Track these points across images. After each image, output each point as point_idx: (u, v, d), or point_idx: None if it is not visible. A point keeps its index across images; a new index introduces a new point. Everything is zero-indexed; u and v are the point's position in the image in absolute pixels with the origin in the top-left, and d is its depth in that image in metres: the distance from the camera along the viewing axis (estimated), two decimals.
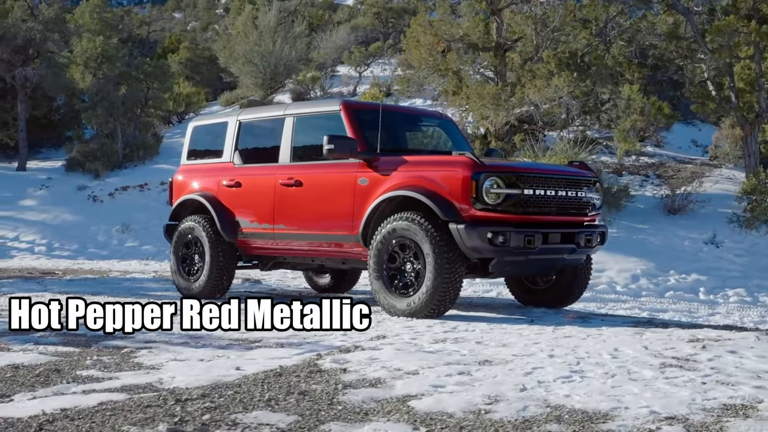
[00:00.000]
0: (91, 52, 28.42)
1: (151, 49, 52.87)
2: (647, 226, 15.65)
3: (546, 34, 16.69)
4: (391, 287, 8.01)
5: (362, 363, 5.40)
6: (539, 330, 6.99)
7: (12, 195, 24.20)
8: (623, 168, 18.75)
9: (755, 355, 5.66)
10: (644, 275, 13.69)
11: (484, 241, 7.49)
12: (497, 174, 7.61)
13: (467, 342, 6.31)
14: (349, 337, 6.62)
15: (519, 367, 5.22)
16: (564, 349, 5.90)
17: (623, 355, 5.68)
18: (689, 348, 5.91)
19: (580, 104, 17.42)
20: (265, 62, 31.97)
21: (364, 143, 8.54)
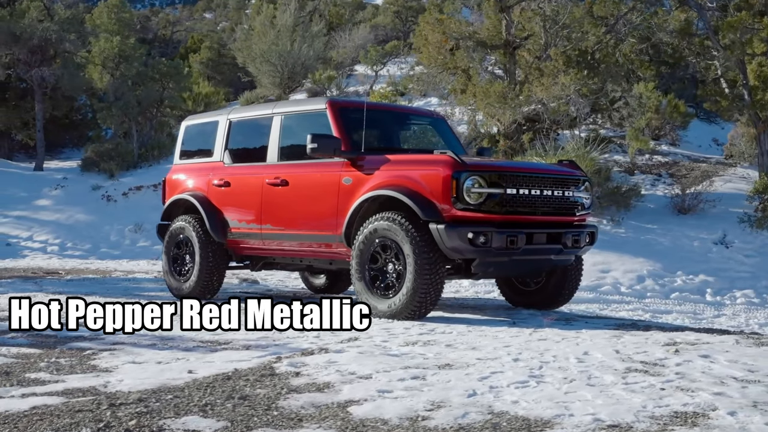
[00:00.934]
0: (108, 52, 28.50)
1: (175, 49, 53.14)
2: (656, 226, 15.40)
3: (555, 31, 16.46)
4: (373, 288, 7.90)
5: (319, 366, 5.28)
6: (517, 332, 6.84)
7: (28, 195, 24.32)
8: (635, 167, 18.48)
9: (727, 359, 5.47)
10: (650, 276, 13.45)
11: (465, 242, 7.35)
12: (479, 173, 7.47)
13: (437, 345, 6.17)
14: (320, 339, 6.51)
15: (478, 372, 5.08)
16: (533, 353, 5.75)
17: (591, 359, 5.52)
18: (661, 352, 5.74)
19: (589, 102, 17.17)
20: (283, 61, 31.92)
21: (349, 142, 8.42)
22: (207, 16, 68.95)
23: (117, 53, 28.37)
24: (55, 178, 25.78)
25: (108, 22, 29.97)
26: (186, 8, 79.46)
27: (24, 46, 26.03)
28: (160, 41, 60.24)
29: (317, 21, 35.00)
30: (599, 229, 15.20)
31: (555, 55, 16.06)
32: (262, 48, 32.04)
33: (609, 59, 16.69)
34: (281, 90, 32.36)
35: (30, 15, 26.08)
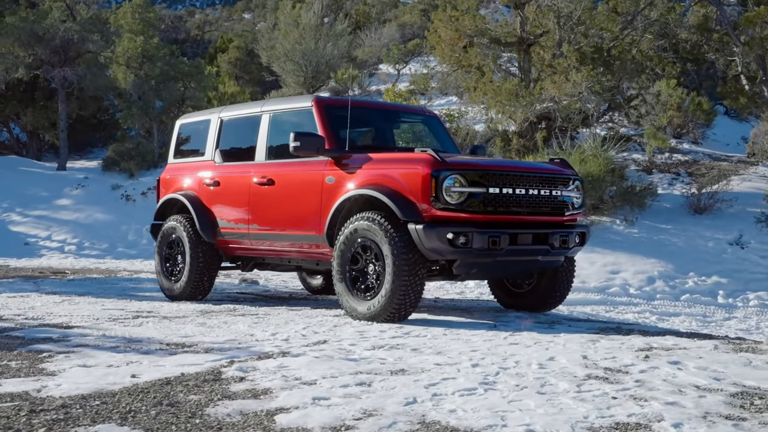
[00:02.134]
0: (132, 52, 28.61)
1: (205, 49, 53.36)
2: (670, 226, 15.05)
3: (570, 27, 16.14)
4: (353, 290, 7.72)
5: (267, 371, 5.12)
6: (492, 336, 6.62)
7: (49, 194, 24.45)
8: (654, 166, 18.10)
9: (697, 366, 5.23)
10: (661, 277, 13.12)
11: (444, 243, 7.15)
12: (459, 172, 7.27)
13: (403, 349, 5.99)
14: (287, 343, 6.36)
15: (428, 378, 4.89)
16: (496, 358, 5.54)
17: (554, 365, 5.30)
18: (631, 358, 5.51)
19: (603, 100, 16.85)
20: (307, 60, 31.82)
21: (334, 140, 8.26)
22: (246, 17, 69.24)
23: (140, 53, 28.47)
24: (76, 178, 25.90)
25: (132, 22, 30.12)
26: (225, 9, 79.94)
27: (47, 47, 26.18)
28: (191, 41, 60.63)
29: (342, 20, 34.83)
30: (612, 229, 14.98)
31: (568, 52, 15.75)
32: (286, 47, 31.96)
33: (625, 56, 16.34)
34: (305, 89, 32.26)
35: (52, 16, 26.21)
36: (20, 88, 30.48)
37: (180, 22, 64.84)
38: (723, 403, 4.32)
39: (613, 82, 16.57)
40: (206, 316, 8.24)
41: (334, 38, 32.81)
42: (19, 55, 26.51)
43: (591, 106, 16.31)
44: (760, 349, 5.92)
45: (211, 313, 8.47)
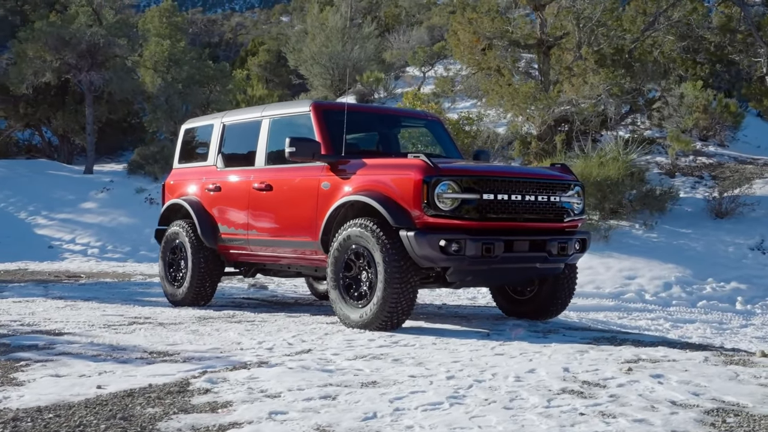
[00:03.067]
0: (158, 56, 28.78)
1: (237, 52, 53.59)
2: (690, 231, 14.76)
3: (590, 28, 15.91)
4: (346, 297, 7.62)
5: (236, 383, 5.03)
6: (480, 346, 6.49)
7: (75, 198, 24.62)
8: (677, 169, 17.80)
9: (679, 380, 5.06)
10: (678, 283, 12.87)
11: (436, 250, 7.02)
12: (452, 177, 7.13)
13: (384, 359, 5.87)
14: (270, 352, 6.26)
15: (398, 391, 4.77)
16: (475, 370, 5.41)
17: (532, 377, 5.16)
18: (613, 371, 5.35)
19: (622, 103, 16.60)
20: (333, 63, 31.82)
21: (330, 146, 8.16)
22: (284, 20, 69.53)
23: (167, 57, 28.62)
24: (102, 181, 26.06)
25: (159, 26, 30.26)
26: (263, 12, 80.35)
27: (73, 51, 26.36)
28: (224, 45, 60.96)
29: (369, 22, 34.78)
30: (630, 234, 14.73)
31: (586, 53, 15.53)
32: (313, 50, 31.99)
33: (646, 58, 16.08)
34: (332, 92, 32.26)
35: (79, 20, 26.40)
36: (51, 92, 30.77)
37: (214, 26, 65.23)
38: (694, 421, 4.16)
39: (632, 85, 16.30)
40: (202, 322, 8.17)
41: (361, 41, 32.78)
42: (47, 60, 26.71)
43: (611, 109, 16.05)
44: (752, 361, 5.73)
45: (208, 320, 8.41)
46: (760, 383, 5.02)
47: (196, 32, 59.46)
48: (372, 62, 32.97)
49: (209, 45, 60.64)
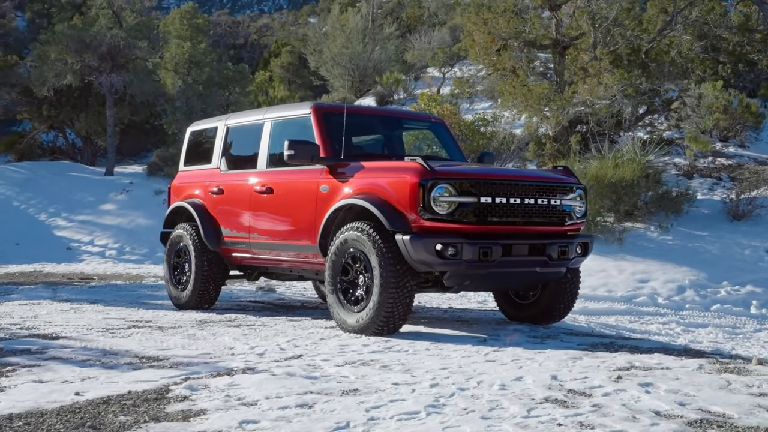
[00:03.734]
0: (179, 58, 28.86)
1: (260, 54, 53.70)
2: (706, 233, 14.55)
3: (606, 28, 15.71)
4: (344, 301, 7.55)
5: (216, 390, 4.97)
6: (474, 352, 6.40)
7: (95, 199, 24.72)
8: (694, 170, 17.57)
9: (668, 389, 4.95)
10: (692, 286, 12.68)
11: (432, 254, 6.93)
12: (449, 181, 7.05)
13: (372, 366, 5.80)
14: (261, 358, 6.21)
15: (377, 400, 4.70)
16: (462, 377, 5.32)
17: (518, 385, 5.07)
18: (602, 379, 5.24)
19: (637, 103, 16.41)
20: (354, 64, 31.77)
21: (330, 148, 8.10)
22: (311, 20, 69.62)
23: (187, 59, 28.70)
24: (122, 183, 26.16)
25: (180, 28, 30.35)
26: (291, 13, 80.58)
27: (94, 53, 26.48)
28: (249, 46, 61.10)
29: (389, 23, 34.70)
30: (645, 236, 14.55)
31: (601, 54, 15.36)
32: (333, 51, 31.96)
33: (663, 58, 15.86)
34: (353, 93, 32.21)
35: (99, 23, 26.53)
36: (74, 94, 30.93)
37: (238, 28, 65.37)
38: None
39: (648, 85, 16.10)
40: (201, 326, 8.14)
41: (382, 42, 32.70)
42: (68, 62, 26.86)
43: (627, 109, 15.85)
44: (747, 370, 5.60)
45: (207, 324, 8.37)
46: (751, 393, 4.89)
47: (221, 34, 59.65)
48: (393, 63, 32.88)
49: (234, 47, 60.89)
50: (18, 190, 25.49)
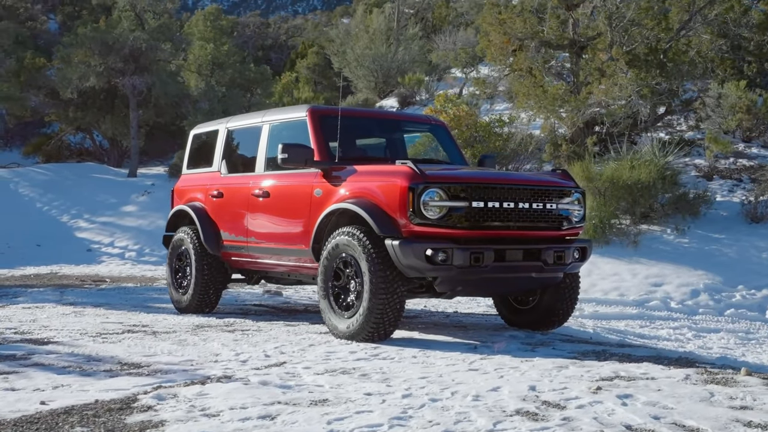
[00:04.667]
0: (202, 59, 28.93)
1: (288, 55, 53.79)
2: (723, 236, 14.28)
3: (623, 27, 15.46)
4: (335, 307, 7.46)
5: (183, 399, 4.89)
6: (459, 359, 6.28)
7: (117, 201, 24.80)
8: (715, 171, 17.26)
9: (646, 401, 4.80)
10: (706, 290, 12.43)
11: (422, 259, 6.82)
12: (439, 185, 6.93)
13: (351, 375, 5.70)
14: (243, 365, 6.14)
15: (343, 411, 4.60)
16: (438, 387, 5.21)
17: (492, 396, 4.94)
18: (581, 390, 5.10)
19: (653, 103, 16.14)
20: (377, 65, 31.67)
21: (325, 152, 8.01)
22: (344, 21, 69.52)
23: (210, 60, 28.76)
24: (144, 185, 26.24)
25: (204, 30, 30.43)
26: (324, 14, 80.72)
27: (116, 56, 26.60)
28: (277, 47, 61.22)
29: (413, 24, 34.56)
30: (661, 239, 14.30)
31: (617, 54, 15.13)
32: (357, 52, 31.89)
33: (681, 58, 15.58)
34: (376, 94, 32.12)
35: (122, 25, 26.65)
36: (100, 96, 31.08)
37: (268, 29, 65.48)
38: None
39: (666, 85, 15.83)
40: (195, 331, 8.07)
41: (406, 42, 32.58)
42: (91, 64, 27.00)
43: (646, 110, 15.60)
44: (734, 380, 5.44)
45: (203, 328, 8.31)
46: (731, 406, 4.74)
47: (249, 35, 59.83)
48: (417, 64, 32.73)
49: (263, 48, 61.07)
50: (41, 192, 25.66)
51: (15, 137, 38.74)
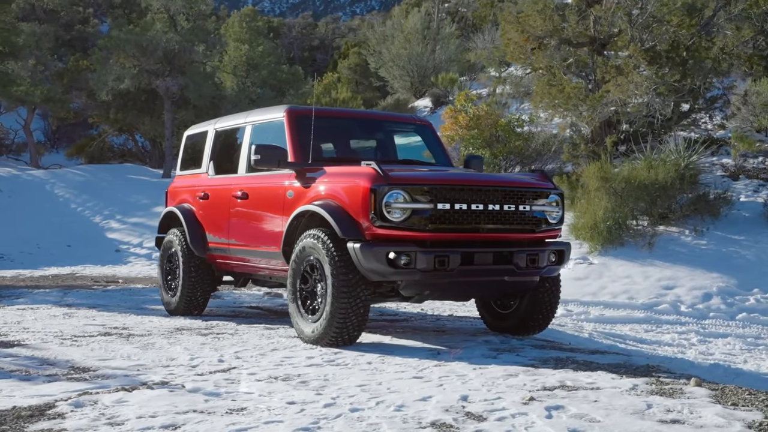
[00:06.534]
0: (237, 60, 29.03)
1: (332, 55, 53.88)
2: (743, 237, 13.84)
3: (644, 23, 15.08)
4: (303, 311, 7.34)
5: (98, 407, 4.81)
6: (411, 367, 6.12)
7: (149, 202, 24.95)
8: (741, 171, 16.79)
9: (573, 414, 4.60)
10: (719, 293, 12.03)
11: (383, 263, 6.67)
12: (402, 186, 6.77)
13: (290, 381, 5.58)
14: (190, 370, 6.06)
15: (252, 422, 4.48)
16: (367, 396, 5.07)
17: (416, 407, 4.79)
18: (512, 400, 4.91)
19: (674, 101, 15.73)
20: (413, 65, 31.50)
21: (300, 153, 7.89)
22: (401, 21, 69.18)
23: (245, 61, 28.84)
24: None
25: (240, 31, 30.50)
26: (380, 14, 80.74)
27: (150, 57, 26.79)
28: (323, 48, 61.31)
29: (449, 23, 34.30)
30: (678, 240, 13.91)
31: (634, 51, 14.76)
32: (392, 52, 31.75)
33: (705, 54, 15.15)
34: (412, 93, 31.96)
35: (155, 28, 26.83)
36: (141, 98, 31.34)
37: (314, 30, 65.54)
38: None
39: (686, 83, 15.42)
40: (169, 334, 8.01)
41: (442, 42, 32.35)
42: (126, 66, 27.24)
43: (662, 108, 15.20)
44: (681, 391, 5.19)
45: (180, 331, 8.25)
46: (662, 419, 4.51)
47: (295, 36, 60.02)
48: (453, 63, 32.48)
49: (309, 49, 61.24)
50: (76, 193, 25.93)
51: (62, 139, 39.32)
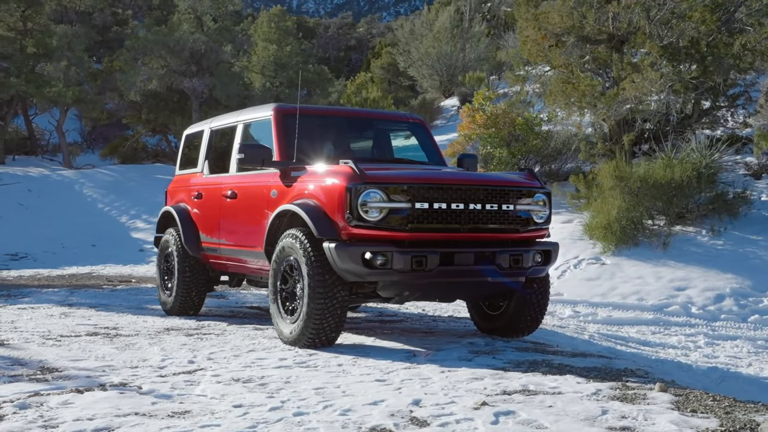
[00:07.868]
0: (265, 60, 29.08)
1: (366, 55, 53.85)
2: (761, 238, 13.51)
3: (659, 20, 14.80)
4: (282, 312, 7.26)
5: (45, 408, 4.77)
6: (379, 369, 6.01)
7: None
8: (764, 169, 16.42)
9: (522, 420, 4.47)
10: (732, 295, 11.75)
11: (359, 263, 6.56)
12: (379, 185, 6.65)
13: (251, 383, 5.51)
14: (155, 372, 6.00)
15: (187, 425, 4.40)
16: (318, 399, 4.99)
17: (363, 411, 4.69)
18: (466, 405, 4.78)
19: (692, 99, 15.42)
20: (441, 64, 31.33)
21: (284, 152, 7.81)
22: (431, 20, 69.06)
23: (272, 61, 28.88)
24: None
25: (269, 31, 30.56)
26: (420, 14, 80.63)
27: (177, 58, 26.92)
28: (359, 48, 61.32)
29: (479, 22, 34.07)
30: (694, 241, 13.63)
31: (651, 48, 14.48)
32: (421, 51, 31.61)
33: (723, 51, 14.83)
34: (441, 92, 31.80)
35: (182, 28, 26.96)
36: (173, 99, 31.53)
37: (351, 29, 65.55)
38: None
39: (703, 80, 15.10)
40: (155, 335, 7.98)
41: (472, 41, 32.15)
42: (153, 67, 27.40)
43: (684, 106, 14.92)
44: (644, 396, 5.01)
45: (168, 332, 8.22)
46: (612, 426, 4.36)
47: (331, 36, 60.12)
48: (483, 62, 32.26)
49: (346, 48, 61.30)
50: (104, 193, 26.16)
51: (98, 139, 39.65)
